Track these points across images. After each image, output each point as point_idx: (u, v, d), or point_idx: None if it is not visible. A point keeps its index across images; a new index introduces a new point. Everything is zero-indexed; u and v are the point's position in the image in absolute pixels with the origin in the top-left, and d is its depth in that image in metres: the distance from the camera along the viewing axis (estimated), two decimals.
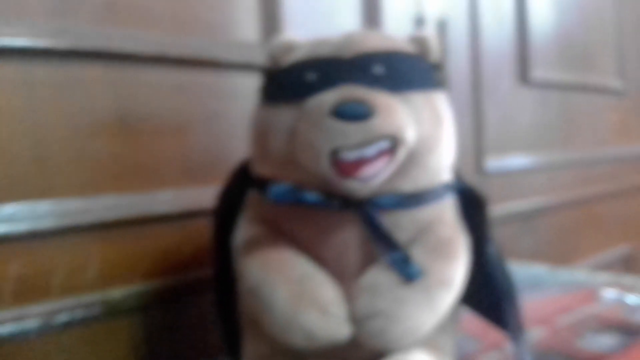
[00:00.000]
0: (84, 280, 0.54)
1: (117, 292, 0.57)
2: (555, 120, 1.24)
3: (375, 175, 0.40)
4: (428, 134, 0.43)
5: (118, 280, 0.57)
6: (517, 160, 1.12)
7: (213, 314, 0.55)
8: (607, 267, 1.31)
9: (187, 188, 0.62)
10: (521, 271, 0.82)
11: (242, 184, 0.51)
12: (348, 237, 0.44)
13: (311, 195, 0.43)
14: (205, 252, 0.58)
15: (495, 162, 1.05)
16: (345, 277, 0.43)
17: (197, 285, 0.62)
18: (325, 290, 0.42)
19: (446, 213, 0.47)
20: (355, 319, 0.41)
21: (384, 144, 0.39)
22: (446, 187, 0.47)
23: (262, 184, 0.46)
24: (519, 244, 1.12)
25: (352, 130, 0.38)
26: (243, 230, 0.48)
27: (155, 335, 0.60)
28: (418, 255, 0.43)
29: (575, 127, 1.30)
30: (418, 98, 0.43)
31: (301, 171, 0.42)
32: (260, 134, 0.46)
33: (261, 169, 0.47)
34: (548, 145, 1.21)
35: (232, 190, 0.52)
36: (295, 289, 0.42)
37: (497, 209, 1.00)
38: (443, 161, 0.45)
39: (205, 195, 0.57)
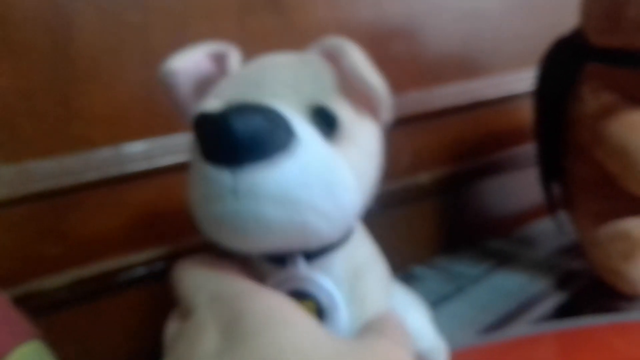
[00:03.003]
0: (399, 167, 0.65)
1: (425, 177, 0.67)
2: None
3: None
4: None
5: (424, 167, 0.68)
6: None
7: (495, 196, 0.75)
8: None
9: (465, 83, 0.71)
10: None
11: (572, 58, 0.57)
12: None
13: None
14: (488, 139, 0.74)
15: None
16: None
17: (480, 171, 0.74)
18: None
19: None
20: None
21: None
22: None
23: (612, 54, 0.51)
24: None
25: None
26: (592, 100, 0.54)
27: (454, 215, 0.72)
28: None
29: None
30: None
31: None
32: (611, 6, 0.50)
33: (610, 41, 0.51)
34: None
35: (559, 66, 0.59)
36: None
37: None
38: None
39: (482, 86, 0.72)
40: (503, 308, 0.55)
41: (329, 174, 0.30)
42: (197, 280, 0.31)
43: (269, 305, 0.28)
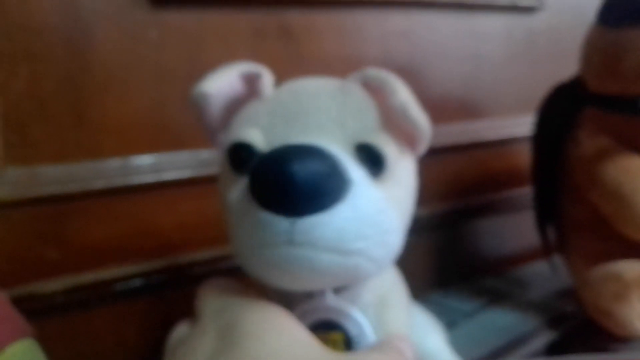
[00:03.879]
0: None
1: (422, 212, 0.67)
2: None
3: None
4: None
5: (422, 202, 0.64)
6: None
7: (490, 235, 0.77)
8: None
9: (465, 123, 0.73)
10: None
11: (570, 103, 0.59)
12: None
13: None
14: (486, 179, 0.76)
15: None
16: None
17: (476, 210, 0.75)
18: None
19: None
20: None
21: None
22: None
23: (609, 100, 0.54)
24: None
25: None
26: (588, 143, 0.56)
27: (449, 251, 0.73)
28: None
29: None
30: None
31: None
32: (610, 54, 0.52)
33: (607, 87, 0.53)
34: None
35: (558, 110, 0.61)
36: None
37: None
38: None
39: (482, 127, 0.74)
40: (494, 343, 0.55)
41: (382, 221, 0.30)
42: (211, 294, 0.32)
43: (264, 314, 0.29)
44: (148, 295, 0.51)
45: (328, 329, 0.32)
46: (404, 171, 0.34)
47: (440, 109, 0.70)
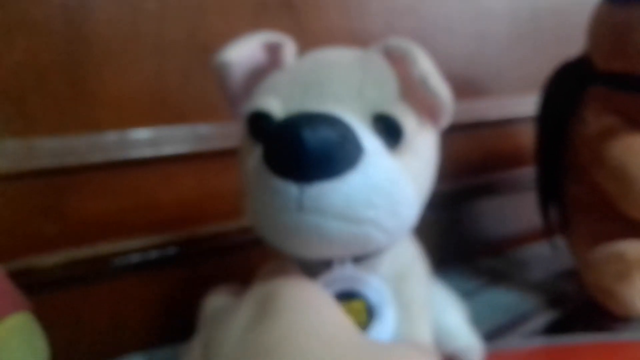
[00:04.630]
0: None
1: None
2: None
3: None
4: None
5: None
6: None
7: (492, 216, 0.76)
8: None
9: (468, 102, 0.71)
10: None
11: (576, 82, 0.58)
12: None
13: None
14: (488, 159, 0.75)
15: None
16: None
17: (478, 189, 0.75)
18: None
19: None
20: None
21: None
22: None
23: (616, 78, 0.53)
24: None
25: None
26: (594, 122, 0.55)
27: (450, 231, 0.73)
28: None
29: None
30: None
31: None
32: (618, 32, 0.51)
33: (614, 65, 0.52)
34: None
35: (564, 89, 0.60)
36: None
37: None
38: None
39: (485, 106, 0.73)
40: (494, 322, 0.54)
41: (394, 192, 0.30)
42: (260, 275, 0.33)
43: (301, 290, 0.30)
44: (146, 271, 0.51)
45: (349, 298, 0.32)
46: (423, 144, 0.33)
47: None
